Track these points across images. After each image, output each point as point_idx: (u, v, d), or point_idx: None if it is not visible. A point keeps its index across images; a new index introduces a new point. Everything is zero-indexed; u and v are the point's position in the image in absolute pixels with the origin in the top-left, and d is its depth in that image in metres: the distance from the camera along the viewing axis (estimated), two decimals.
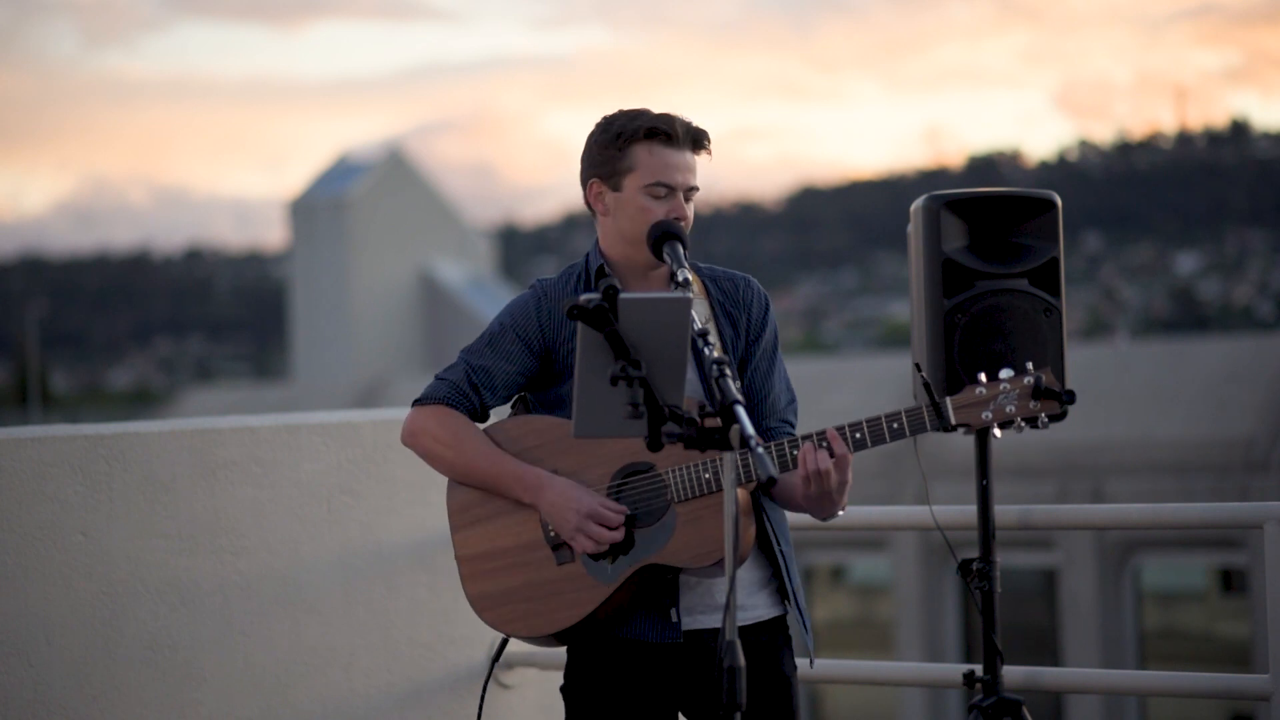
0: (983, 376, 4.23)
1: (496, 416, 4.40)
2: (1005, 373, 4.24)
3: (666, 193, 4.25)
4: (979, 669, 5.10)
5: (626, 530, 4.17)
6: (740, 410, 3.71)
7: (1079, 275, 62.98)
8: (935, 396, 4.18)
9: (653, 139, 4.25)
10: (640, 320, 3.71)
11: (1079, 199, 63.15)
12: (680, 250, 4.20)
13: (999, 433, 4.27)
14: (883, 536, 18.85)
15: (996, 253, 5.16)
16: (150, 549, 5.26)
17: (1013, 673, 5.16)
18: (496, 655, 4.47)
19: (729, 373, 3.83)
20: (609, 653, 4.25)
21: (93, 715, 5.15)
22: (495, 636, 4.58)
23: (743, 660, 3.63)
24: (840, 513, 4.23)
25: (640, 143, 4.25)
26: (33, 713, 5.06)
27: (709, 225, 76.49)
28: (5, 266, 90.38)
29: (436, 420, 4.29)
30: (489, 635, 5.67)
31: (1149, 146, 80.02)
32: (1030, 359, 5.06)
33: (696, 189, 4.29)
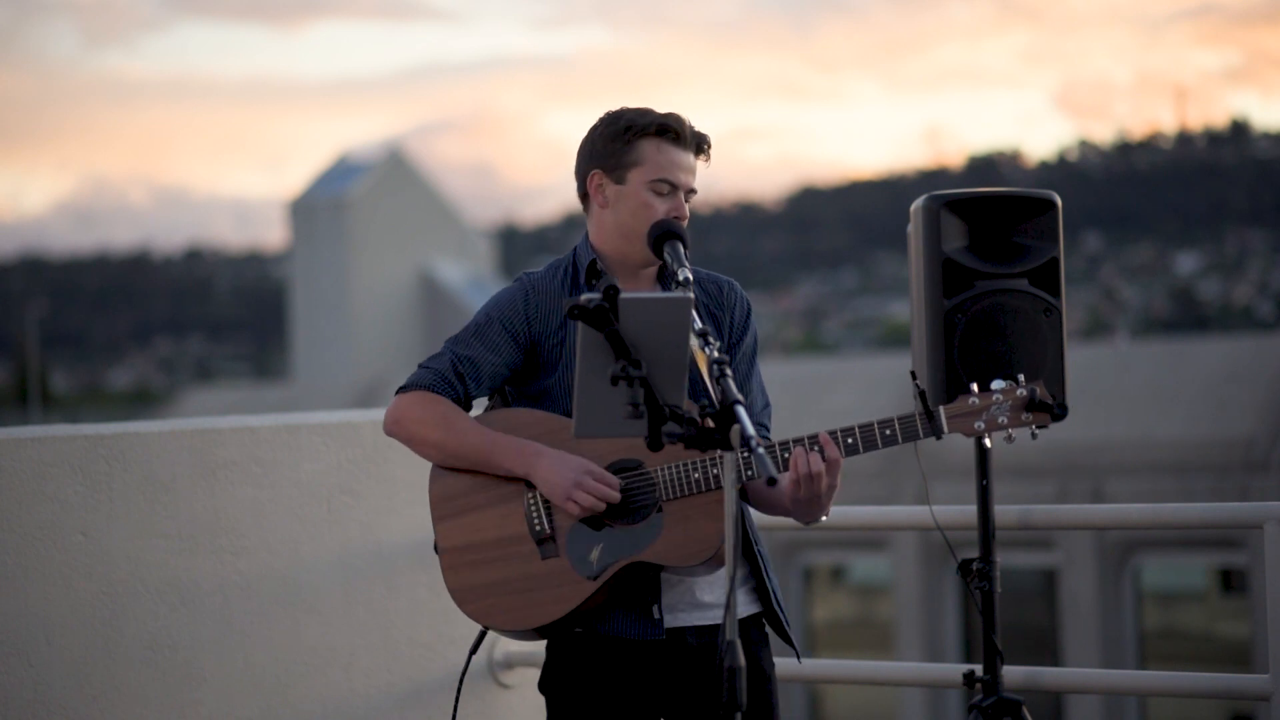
0: (975, 386, 4.26)
1: (477, 408, 4.37)
2: (998, 383, 4.26)
3: (669, 190, 4.27)
4: (979, 669, 5.10)
5: (614, 519, 4.15)
6: (740, 410, 3.71)
7: (1079, 275, 62.97)
8: (930, 405, 4.19)
9: (662, 136, 4.26)
10: (641, 320, 3.71)
11: (1079, 199, 63.15)
12: (681, 249, 4.21)
13: (989, 442, 4.30)
14: (883, 536, 18.85)
15: (996, 253, 5.16)
16: (150, 549, 5.26)
17: (1013, 673, 5.16)
18: (474, 647, 4.45)
19: (729, 372, 3.83)
20: (590, 649, 4.23)
21: (93, 715, 5.15)
22: (492, 637, 4.58)
23: (743, 660, 3.63)
24: (824, 517, 4.24)
25: (649, 138, 4.26)
26: (33, 713, 5.05)
27: (709, 225, 76.48)
28: (5, 266, 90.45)
29: (422, 405, 4.24)
30: (488, 635, 5.66)
31: (1149, 146, 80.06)
32: (1030, 359, 5.06)
33: (695, 191, 4.31)
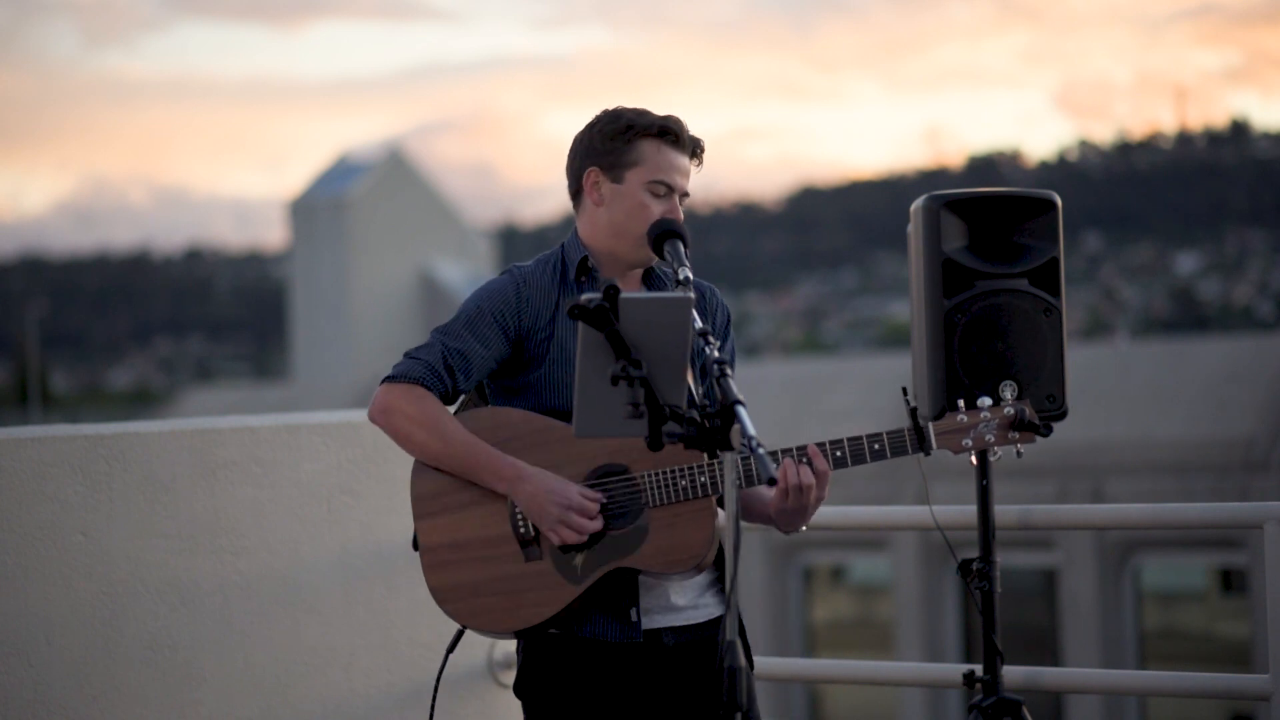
0: (962, 403, 4.32)
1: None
2: (985, 400, 4.33)
3: (666, 192, 4.29)
4: (979, 669, 5.10)
5: (600, 531, 4.15)
6: (741, 410, 3.71)
7: (1079, 275, 62.94)
8: (920, 422, 4.25)
9: (662, 138, 4.28)
10: (641, 320, 3.71)
11: (1079, 199, 63.12)
12: (681, 248, 4.22)
13: (975, 460, 4.37)
14: (883, 536, 18.84)
15: (996, 253, 5.16)
16: (150, 549, 5.26)
17: (1013, 673, 5.16)
18: (451, 647, 4.42)
19: (730, 372, 3.82)
20: (567, 652, 4.22)
21: (93, 715, 5.15)
22: (492, 638, 4.56)
23: (743, 660, 3.63)
24: (804, 528, 4.28)
25: (650, 139, 4.28)
26: (33, 713, 5.05)
27: (709, 225, 76.45)
28: (5, 266, 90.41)
29: (411, 400, 4.20)
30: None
31: (1149, 146, 79.98)
32: (1030, 359, 5.07)
33: (688, 195, 4.34)
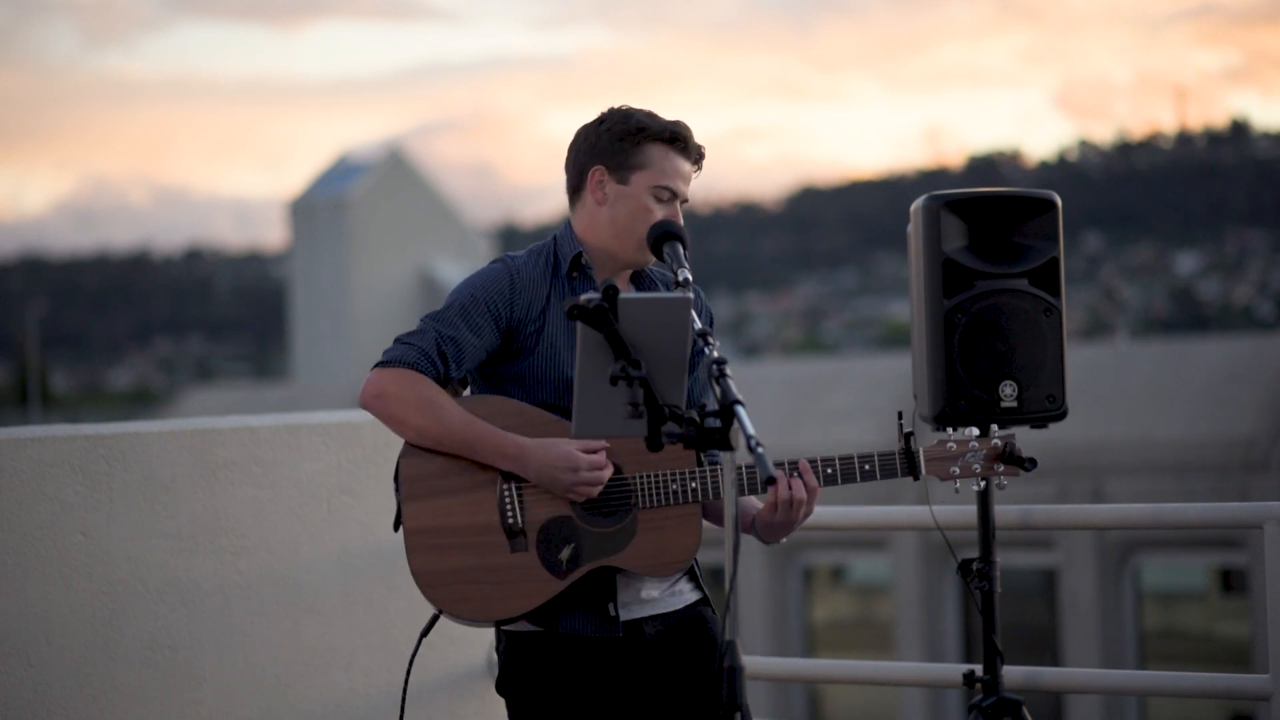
0: (950, 430, 4.43)
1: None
2: (972, 431, 4.45)
3: (669, 197, 4.32)
4: (979, 669, 5.10)
5: (588, 520, 4.19)
6: (741, 410, 3.71)
7: (1079, 275, 62.94)
8: (913, 446, 4.33)
9: (671, 144, 4.31)
10: (640, 320, 3.71)
11: (1079, 199, 63.11)
12: (680, 250, 4.23)
13: (959, 488, 4.44)
14: (883, 536, 18.84)
15: (996, 253, 5.16)
16: (150, 549, 5.26)
17: (1013, 673, 5.16)
18: (425, 631, 4.43)
19: (729, 372, 3.83)
20: (547, 649, 4.24)
21: (93, 715, 5.15)
22: (492, 636, 4.56)
23: (743, 660, 3.63)
24: (784, 539, 4.37)
25: (659, 144, 4.30)
26: (33, 713, 5.05)
27: (709, 225, 76.43)
28: (5, 266, 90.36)
29: (405, 383, 4.17)
30: (488, 635, 5.66)
31: (1149, 146, 79.93)
32: (1030, 359, 5.07)
33: (687, 200, 4.36)
